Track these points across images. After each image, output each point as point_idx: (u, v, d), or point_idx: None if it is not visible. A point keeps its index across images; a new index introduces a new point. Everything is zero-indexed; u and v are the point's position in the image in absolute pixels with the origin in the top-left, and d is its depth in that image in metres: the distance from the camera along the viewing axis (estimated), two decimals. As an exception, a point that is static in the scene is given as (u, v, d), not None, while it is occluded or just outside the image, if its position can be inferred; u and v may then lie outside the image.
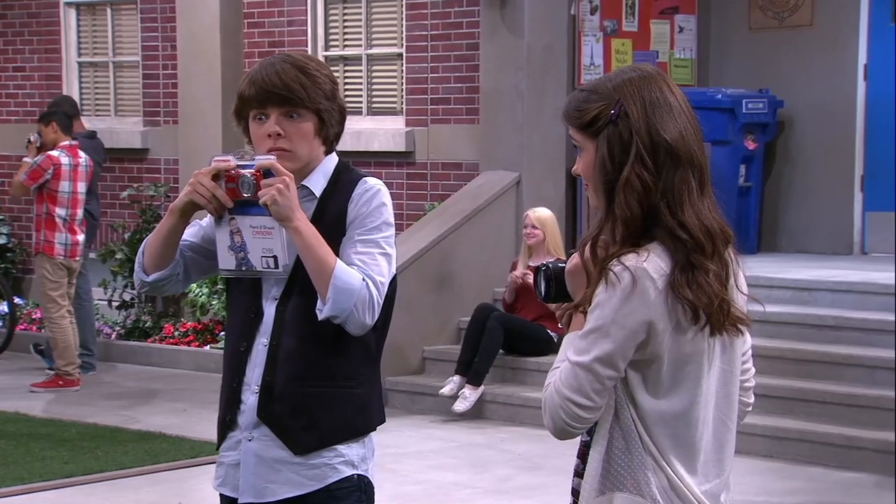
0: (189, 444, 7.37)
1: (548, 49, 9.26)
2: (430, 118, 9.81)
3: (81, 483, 6.66)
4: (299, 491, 3.01)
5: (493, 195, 9.03)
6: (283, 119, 2.99)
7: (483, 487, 6.67)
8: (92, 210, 9.51)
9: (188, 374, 9.56)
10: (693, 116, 2.44)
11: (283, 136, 2.99)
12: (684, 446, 2.42)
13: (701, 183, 2.40)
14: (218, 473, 3.12)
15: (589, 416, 2.39)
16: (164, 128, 11.13)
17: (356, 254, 2.96)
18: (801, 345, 7.64)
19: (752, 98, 9.44)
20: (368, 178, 3.07)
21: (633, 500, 2.40)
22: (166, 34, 11.05)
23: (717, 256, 2.39)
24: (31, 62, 11.98)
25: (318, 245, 2.92)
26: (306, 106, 2.99)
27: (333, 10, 10.42)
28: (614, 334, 2.34)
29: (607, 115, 2.39)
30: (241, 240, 2.98)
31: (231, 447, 3.06)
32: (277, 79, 2.98)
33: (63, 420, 8.03)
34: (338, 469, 3.03)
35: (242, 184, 2.93)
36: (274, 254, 2.95)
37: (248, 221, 2.96)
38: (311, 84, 3.00)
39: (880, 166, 9.53)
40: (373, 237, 2.98)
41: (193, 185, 2.96)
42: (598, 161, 2.41)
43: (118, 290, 10.58)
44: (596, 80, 2.48)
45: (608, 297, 2.35)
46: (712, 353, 2.43)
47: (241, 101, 3.03)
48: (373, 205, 3.00)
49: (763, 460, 6.96)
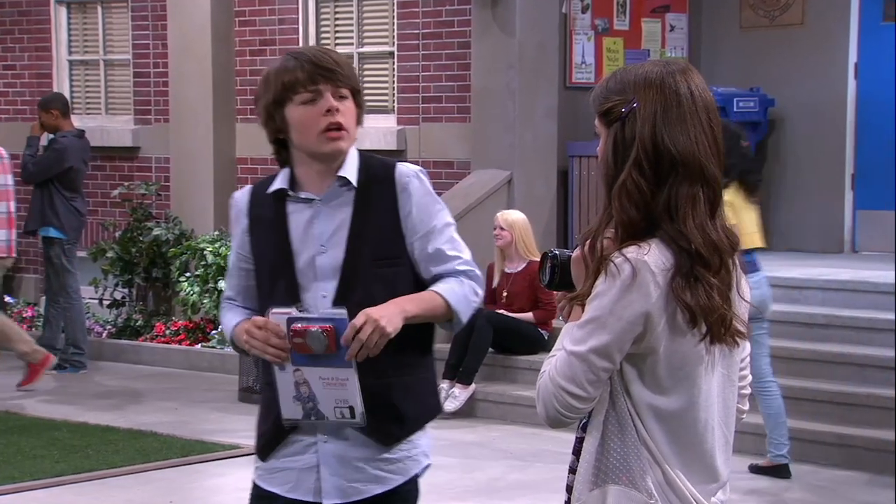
0: (180, 443, 7.35)
1: (539, 48, 9.26)
2: (421, 117, 9.81)
3: (72, 482, 6.64)
4: (386, 486, 2.98)
5: (485, 194, 9.03)
6: (335, 98, 2.95)
7: (475, 486, 6.68)
8: (79, 207, 9.50)
9: (179, 372, 9.55)
10: (712, 126, 2.37)
11: (340, 113, 2.95)
12: (684, 446, 2.40)
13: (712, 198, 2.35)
14: (283, 479, 3.02)
15: (582, 406, 2.37)
16: (155, 126, 11.11)
17: (444, 244, 3.00)
18: (792, 343, 7.65)
19: (743, 97, 9.45)
20: (399, 163, 3.06)
21: (627, 493, 2.37)
22: (157, 32, 11.03)
23: (723, 271, 2.36)
24: (21, 60, 11.95)
25: (432, 306, 2.93)
26: (351, 85, 2.98)
27: (325, 9, 10.41)
28: (612, 325, 2.32)
29: (619, 112, 2.36)
30: (308, 391, 2.90)
31: (298, 451, 2.99)
32: (327, 57, 2.95)
33: (54, 419, 8.01)
34: (418, 460, 3.04)
35: (312, 340, 2.84)
36: (350, 404, 2.88)
37: (318, 373, 2.88)
38: (349, 66, 3.02)
39: (871, 165, 9.55)
40: (444, 222, 3.03)
41: (247, 339, 2.90)
42: (604, 154, 2.40)
43: (109, 288, 10.56)
44: (626, 70, 2.41)
45: (607, 288, 2.33)
46: (713, 359, 2.41)
47: (287, 85, 2.93)
48: (424, 192, 3.02)
49: (754, 458, 6.96)
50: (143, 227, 10.53)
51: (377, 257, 2.96)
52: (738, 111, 9.39)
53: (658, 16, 9.99)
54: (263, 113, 2.99)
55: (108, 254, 10.52)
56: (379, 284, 2.94)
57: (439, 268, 3.01)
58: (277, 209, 3.02)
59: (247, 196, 3.10)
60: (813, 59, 9.66)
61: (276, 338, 2.86)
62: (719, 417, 2.46)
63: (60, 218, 9.38)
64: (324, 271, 2.96)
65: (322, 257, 2.97)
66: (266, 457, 3.04)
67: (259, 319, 2.90)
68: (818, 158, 9.68)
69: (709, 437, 2.43)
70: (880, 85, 9.43)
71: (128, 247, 10.45)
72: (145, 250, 10.38)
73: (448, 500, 6.39)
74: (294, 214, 3.01)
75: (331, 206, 2.99)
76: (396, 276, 2.98)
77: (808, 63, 9.68)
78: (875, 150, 9.51)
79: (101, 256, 10.57)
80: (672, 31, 10.06)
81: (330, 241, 2.96)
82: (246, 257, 3.07)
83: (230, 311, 3.15)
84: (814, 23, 9.67)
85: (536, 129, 9.21)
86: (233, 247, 3.12)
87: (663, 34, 10.02)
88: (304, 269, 2.97)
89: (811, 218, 9.70)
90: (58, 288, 9.47)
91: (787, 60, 9.76)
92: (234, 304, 3.15)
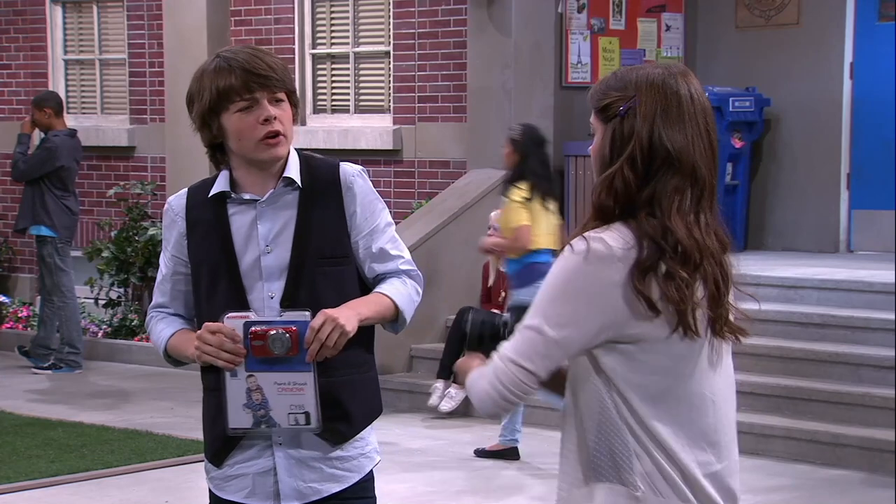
0: (176, 443, 7.35)
1: (535, 47, 9.26)
2: (417, 116, 9.81)
3: (68, 482, 6.64)
4: (343, 485, 2.98)
5: (481, 193, 9.03)
6: (271, 104, 2.90)
7: (470, 485, 6.67)
8: (70, 206, 9.50)
9: (175, 372, 9.49)
10: (709, 129, 2.39)
11: (277, 120, 2.91)
12: (680, 424, 2.37)
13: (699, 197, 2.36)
14: (239, 485, 2.99)
15: (528, 382, 2.34)
16: (151, 125, 11.11)
17: (387, 243, 3.01)
18: (788, 342, 7.66)
19: (738, 96, 9.46)
20: (342, 163, 3.05)
21: (613, 489, 2.35)
22: (153, 32, 11.03)
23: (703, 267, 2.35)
24: (16, 59, 11.94)
25: (382, 309, 2.96)
26: (286, 88, 2.93)
27: (321, 8, 10.40)
28: (565, 296, 2.32)
29: (618, 108, 2.38)
30: (261, 397, 2.85)
31: (253, 456, 2.97)
32: (260, 62, 2.89)
33: (49, 419, 8.00)
34: (371, 457, 3.04)
35: (274, 342, 2.81)
36: (305, 410, 2.85)
37: (273, 378, 2.84)
38: (281, 65, 2.95)
39: (866, 164, 9.56)
40: (386, 221, 3.03)
41: (199, 346, 2.87)
42: (600, 149, 2.41)
43: (105, 288, 10.55)
44: (628, 69, 2.44)
45: (563, 263, 2.34)
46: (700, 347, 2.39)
47: (222, 93, 2.89)
48: (367, 191, 3.01)
49: (749, 458, 6.97)
50: (138, 227, 10.53)
51: (323, 256, 2.95)
52: (734, 111, 9.40)
53: (654, 15, 10.00)
54: (198, 120, 2.95)
55: (104, 253, 10.52)
56: (326, 283, 2.94)
57: (382, 266, 3.02)
58: (218, 212, 2.98)
59: (183, 200, 3.06)
60: (808, 58, 9.67)
61: (231, 343, 2.84)
62: (720, 398, 2.42)
63: (52, 217, 9.38)
64: (270, 271, 2.94)
65: (267, 257, 2.94)
66: (220, 463, 3.01)
67: (211, 325, 2.86)
68: (813, 158, 9.68)
69: (713, 413, 2.40)
70: (876, 85, 9.44)
71: (123, 246, 10.45)
72: (141, 250, 10.37)
73: (443, 500, 6.39)
74: (236, 216, 2.98)
75: (274, 206, 2.97)
76: (343, 274, 2.98)
77: (804, 63, 9.68)
78: (871, 150, 9.52)
79: (97, 256, 10.56)
80: (668, 31, 10.06)
81: (275, 241, 2.94)
82: (183, 261, 3.03)
83: (162, 322, 3.12)
84: (809, 22, 9.68)
85: (532, 128, 9.21)
86: (165, 252, 3.07)
87: (659, 34, 10.03)
88: (249, 270, 2.94)
89: (806, 217, 9.71)
90: (51, 287, 9.46)
91: (783, 60, 9.77)
92: (165, 313, 3.12)
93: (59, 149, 9.37)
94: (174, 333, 3.06)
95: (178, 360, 3.10)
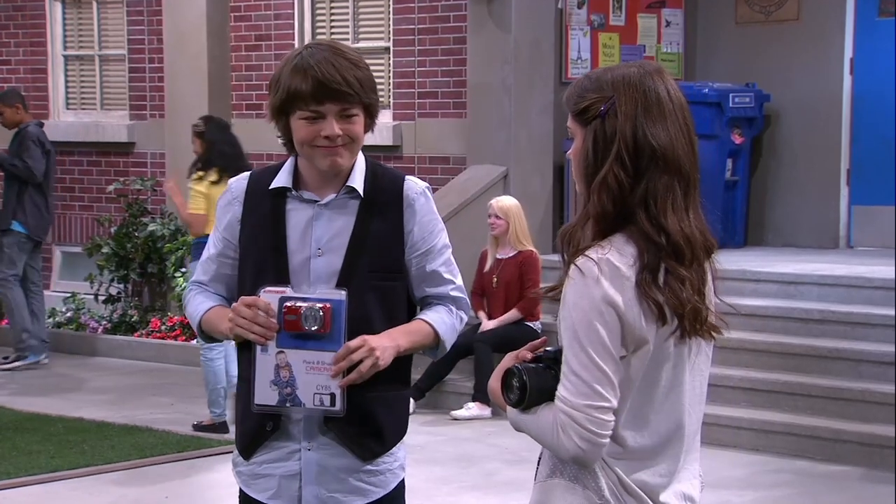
0: (176, 439, 7.35)
1: (535, 43, 9.26)
2: (417, 112, 9.81)
3: (68, 478, 6.64)
4: (366, 499, 2.95)
5: (480, 189, 9.03)
6: (339, 119, 2.83)
7: (470, 481, 6.68)
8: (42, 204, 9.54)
9: (175, 368, 9.54)
10: (688, 125, 2.40)
11: (341, 137, 2.84)
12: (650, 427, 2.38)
13: (686, 193, 2.37)
14: (265, 485, 2.97)
15: (608, 418, 2.31)
16: (151, 121, 11.11)
17: (441, 266, 2.98)
18: (787, 338, 7.66)
19: (738, 92, 9.46)
20: (408, 177, 3.01)
21: (571, 487, 2.39)
22: (152, 28, 11.02)
23: (695, 264, 2.37)
24: (16, 55, 11.93)
25: (422, 338, 2.94)
26: (361, 102, 2.86)
27: (320, 4, 10.40)
28: (593, 321, 2.30)
29: (597, 109, 2.37)
30: (288, 374, 2.83)
31: (281, 458, 2.93)
32: (337, 74, 2.81)
33: (49, 415, 8.01)
34: (396, 473, 3.01)
35: (307, 318, 2.79)
36: (331, 391, 2.82)
37: (302, 356, 2.82)
38: (364, 77, 2.87)
39: (866, 160, 9.56)
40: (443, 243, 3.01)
41: (232, 318, 2.82)
42: (583, 151, 2.41)
43: (104, 284, 10.55)
44: (602, 70, 2.44)
45: (577, 291, 2.32)
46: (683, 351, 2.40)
47: (291, 96, 2.82)
48: (428, 211, 2.99)
49: (749, 453, 6.98)
50: (138, 223, 10.53)
51: (375, 268, 2.90)
52: (734, 107, 9.39)
53: (654, 11, 9.99)
54: (271, 111, 2.91)
55: (104, 249, 10.52)
56: (374, 295, 2.89)
57: (433, 289, 2.98)
58: (276, 204, 2.93)
59: (244, 184, 2.99)
60: (808, 54, 9.66)
61: (265, 316, 2.80)
62: (688, 404, 2.44)
63: (27, 214, 9.44)
64: (318, 275, 2.89)
65: (318, 261, 2.89)
66: (249, 457, 2.98)
67: (247, 298, 2.82)
68: (813, 154, 9.68)
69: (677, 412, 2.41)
70: (876, 81, 9.44)
71: (123, 242, 10.45)
72: (140, 246, 10.37)
73: (444, 496, 6.40)
74: (293, 212, 2.92)
75: (333, 210, 2.92)
76: (392, 290, 2.93)
77: (804, 59, 9.68)
78: (870, 146, 9.51)
79: (97, 252, 10.56)
80: (668, 27, 10.06)
81: (328, 246, 2.89)
82: (233, 245, 2.97)
83: (201, 294, 3.03)
84: (809, 18, 9.67)
85: (532, 125, 9.21)
86: (216, 233, 3.01)
87: (659, 30, 10.02)
88: (298, 270, 2.89)
89: (806, 213, 9.71)
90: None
91: (783, 56, 9.76)
92: (204, 289, 3.04)
93: (42, 136, 9.49)
94: (211, 308, 2.99)
95: (210, 335, 3.02)
